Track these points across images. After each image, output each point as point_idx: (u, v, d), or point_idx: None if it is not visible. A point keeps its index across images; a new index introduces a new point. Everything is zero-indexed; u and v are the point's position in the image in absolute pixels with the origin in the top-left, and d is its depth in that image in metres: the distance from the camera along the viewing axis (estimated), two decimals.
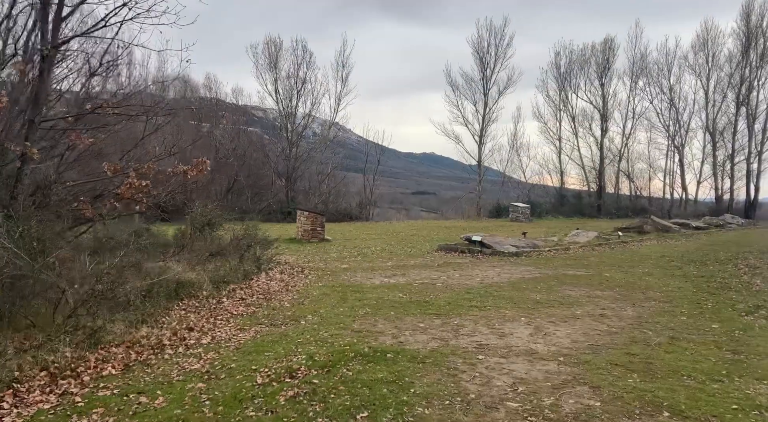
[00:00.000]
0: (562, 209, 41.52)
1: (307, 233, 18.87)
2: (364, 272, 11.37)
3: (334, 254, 15.08)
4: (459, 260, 14.09)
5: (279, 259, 13.02)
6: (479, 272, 11.81)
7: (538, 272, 11.93)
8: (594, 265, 13.26)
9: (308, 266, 12.15)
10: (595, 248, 17.37)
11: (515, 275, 11.41)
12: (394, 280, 10.32)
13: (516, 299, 8.47)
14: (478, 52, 43.04)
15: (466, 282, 10.19)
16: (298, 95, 37.37)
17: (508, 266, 13.02)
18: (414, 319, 6.89)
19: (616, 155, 44.24)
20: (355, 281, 10.10)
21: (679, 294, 9.15)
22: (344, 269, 11.84)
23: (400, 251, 16.04)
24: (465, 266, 12.74)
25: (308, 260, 13.67)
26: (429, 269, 12.05)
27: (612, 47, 42.38)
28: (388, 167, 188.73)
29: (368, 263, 13.24)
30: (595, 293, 9.17)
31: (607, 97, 43.03)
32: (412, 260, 13.87)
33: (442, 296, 8.55)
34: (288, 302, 7.84)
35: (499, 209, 40.90)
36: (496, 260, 14.12)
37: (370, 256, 14.75)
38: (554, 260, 14.31)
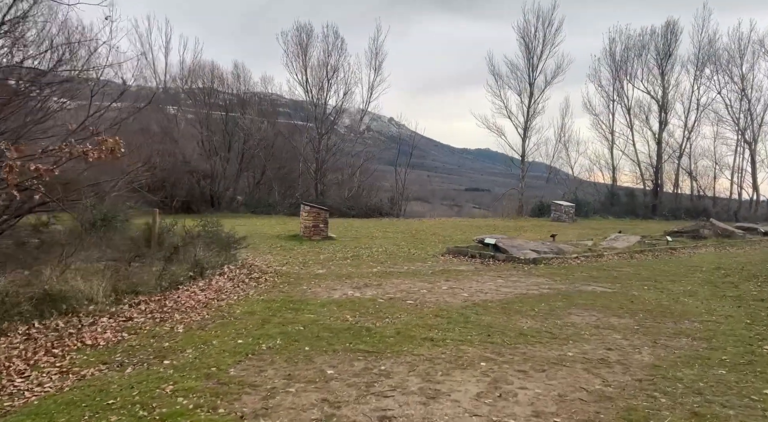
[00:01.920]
0: (613, 208, 38.08)
1: (309, 230, 17.24)
2: (334, 281, 9.55)
3: (324, 256, 13.33)
4: (462, 267, 12.02)
5: (250, 261, 11.43)
6: (476, 283, 9.73)
7: (549, 286, 9.72)
8: (624, 278, 10.87)
9: (276, 271, 10.45)
10: (635, 256, 14.78)
11: (518, 289, 9.27)
12: (359, 293, 8.45)
13: (496, 328, 6.42)
14: (524, 38, 40.13)
15: (447, 299, 8.18)
16: (329, 84, 35.89)
17: (516, 276, 10.85)
18: (328, 359, 5.01)
19: (676, 150, 40.26)
20: (310, 293, 8.30)
21: (725, 327, 6.80)
22: (315, 276, 10.06)
23: (402, 254, 14.11)
24: (464, 275, 10.68)
25: (286, 262, 11.99)
26: (415, 279, 10.08)
27: (675, 31, 38.42)
28: (442, 164, 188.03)
29: (352, 268, 11.41)
30: (609, 322, 6.96)
31: (668, 86, 39.11)
32: (406, 266, 11.92)
33: (398, 321, 6.61)
34: (188, 324, 6.12)
35: (541, 208, 37.96)
36: (506, 268, 11.95)
37: (361, 259, 12.90)
38: (577, 270, 11.98)
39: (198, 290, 7.70)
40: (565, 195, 39.75)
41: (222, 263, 9.65)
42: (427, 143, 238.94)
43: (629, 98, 40.27)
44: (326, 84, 35.80)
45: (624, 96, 40.39)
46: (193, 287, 7.87)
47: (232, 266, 9.99)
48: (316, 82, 35.55)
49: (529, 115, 40.89)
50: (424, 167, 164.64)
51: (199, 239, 9.78)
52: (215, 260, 9.52)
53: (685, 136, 39.86)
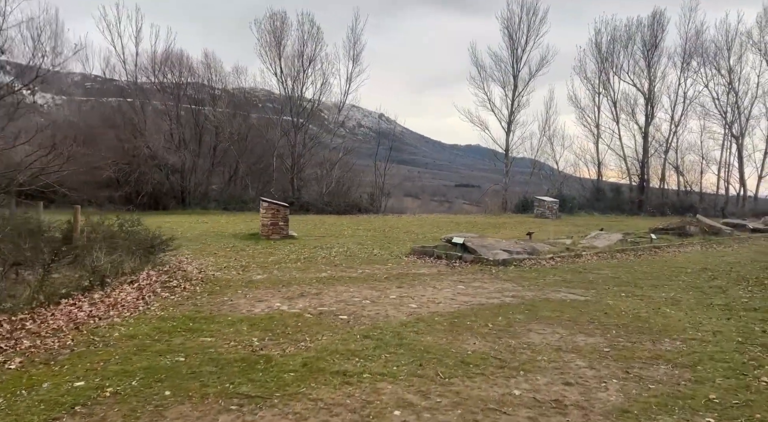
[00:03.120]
0: (598, 204, 37.12)
1: (267, 228, 15.95)
2: (267, 290, 8.28)
3: (273, 258, 12.05)
4: (423, 270, 10.80)
5: (183, 265, 10.13)
6: (431, 291, 8.51)
7: (515, 293, 8.52)
8: (601, 283, 9.71)
9: (206, 277, 9.15)
10: (616, 256, 13.66)
11: (478, 298, 8.06)
12: (288, 305, 7.19)
13: (434, 353, 5.20)
14: (507, 29, 38.98)
15: (390, 312, 6.94)
16: (305, 75, 34.43)
17: (481, 281, 9.65)
18: (186, 411, 3.73)
19: (662, 144, 39.34)
20: (227, 307, 7.02)
21: (712, 348, 5.63)
22: (248, 284, 8.78)
23: (363, 255, 12.87)
24: (421, 281, 9.46)
25: (226, 265, 10.69)
26: (363, 286, 8.84)
27: (661, 22, 37.43)
28: (433, 160, 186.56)
29: (298, 272, 10.15)
30: (574, 342, 5.77)
31: (654, 79, 38.15)
32: (361, 269, 10.68)
33: (315, 345, 5.37)
34: (32, 356, 4.75)
35: (525, 204, 36.93)
36: (472, 271, 10.75)
37: (314, 262, 11.64)
38: (550, 273, 10.80)
39: (87, 306, 6.38)
40: (549, 191, 38.72)
41: (137, 269, 8.33)
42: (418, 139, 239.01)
43: (615, 91, 39.30)
44: (302, 75, 34.38)
45: (610, 89, 39.41)
46: (84, 300, 6.55)
47: (153, 272, 8.68)
48: (291, 72, 34.11)
49: (513, 108, 39.80)
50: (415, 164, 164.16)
51: (108, 240, 8.44)
52: (129, 265, 8.20)
53: (671, 130, 38.97)
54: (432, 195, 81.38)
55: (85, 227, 10.23)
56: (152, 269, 8.93)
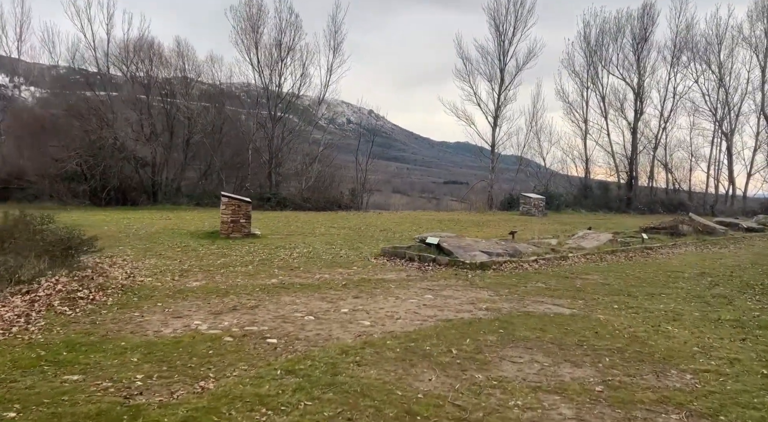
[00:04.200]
0: (586, 202, 36.13)
1: (227, 226, 14.56)
2: (195, 301, 6.95)
3: (223, 260, 10.70)
4: (390, 275, 9.51)
5: (108, 268, 8.76)
6: (392, 302, 7.23)
7: (489, 304, 7.26)
8: (590, 290, 8.49)
9: (129, 285, 7.78)
10: (606, 258, 12.49)
11: (445, 311, 6.79)
12: (209, 324, 5.86)
13: (371, 397, 3.91)
14: (494, 20, 37.76)
15: (336, 332, 5.65)
16: (283, 65, 32.95)
17: (453, 288, 8.39)
18: None
19: (651, 140, 38.49)
20: (132, 326, 5.68)
21: (733, 384, 4.42)
22: (177, 293, 7.44)
23: (327, 257, 11.56)
24: (383, 289, 8.17)
25: (162, 269, 9.32)
26: (314, 295, 7.53)
27: (651, 15, 36.50)
28: (422, 156, 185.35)
29: (244, 278, 8.82)
30: (558, 376, 4.52)
31: (644, 73, 37.25)
32: (319, 275, 9.37)
33: (218, 385, 4.06)
34: None
35: (511, 201, 35.84)
36: (445, 276, 9.49)
37: (268, 265, 10.31)
38: (533, 278, 9.57)
39: None
40: (536, 188, 37.69)
41: (40, 275, 6.93)
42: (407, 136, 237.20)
43: (604, 86, 38.35)
44: (280, 65, 32.88)
45: (598, 83, 38.44)
46: None
47: (64, 279, 7.29)
48: (268, 62, 32.60)
49: (499, 102, 38.65)
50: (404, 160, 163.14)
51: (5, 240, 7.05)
52: (30, 271, 6.81)
53: (660, 126, 38.14)
54: (420, 192, 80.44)
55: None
56: (67, 274, 7.54)
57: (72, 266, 7.98)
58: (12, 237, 7.10)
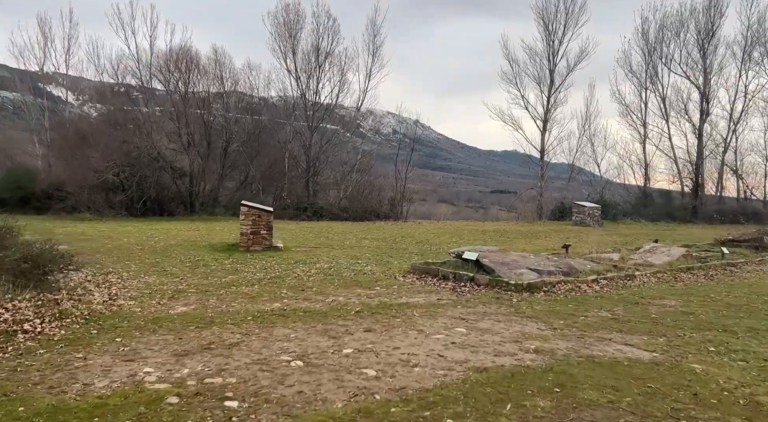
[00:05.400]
0: (645, 211, 33.19)
1: (247, 238, 13.35)
2: (168, 335, 5.61)
3: (231, 278, 9.42)
4: (416, 298, 7.92)
5: (98, 288, 7.59)
6: (412, 338, 5.65)
7: (539, 344, 5.55)
8: (670, 324, 6.63)
9: (101, 310, 6.55)
10: (681, 277, 10.44)
11: (480, 354, 5.16)
12: (161, 372, 4.47)
13: None
14: (543, 19, 35.69)
15: (326, 388, 4.15)
16: (321, 71, 32.02)
17: (493, 318, 6.72)
18: None
19: (719, 144, 35.17)
20: (54, 379, 4.34)
21: None
22: (153, 322, 6.13)
23: (349, 274, 10.09)
24: (404, 318, 6.60)
25: (158, 288, 8.10)
26: (316, 327, 6.05)
27: (719, 7, 33.37)
28: (469, 165, 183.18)
29: (244, 302, 7.46)
30: None
31: (710, 71, 34.08)
32: (333, 296, 7.89)
33: None
34: None
35: (562, 210, 33.47)
36: (485, 300, 7.81)
37: (279, 284, 8.93)
38: (593, 304, 7.75)
39: None
40: (590, 196, 35.08)
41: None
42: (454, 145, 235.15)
43: (664, 86, 35.43)
44: (318, 71, 31.98)
45: (658, 83, 35.56)
46: None
47: (23, 304, 6.12)
48: (305, 68, 31.75)
49: (548, 105, 36.43)
50: (450, 169, 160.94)
51: None
52: None
53: (730, 128, 34.79)
54: (467, 201, 78.54)
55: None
56: (30, 298, 6.38)
57: (44, 287, 6.84)
58: None
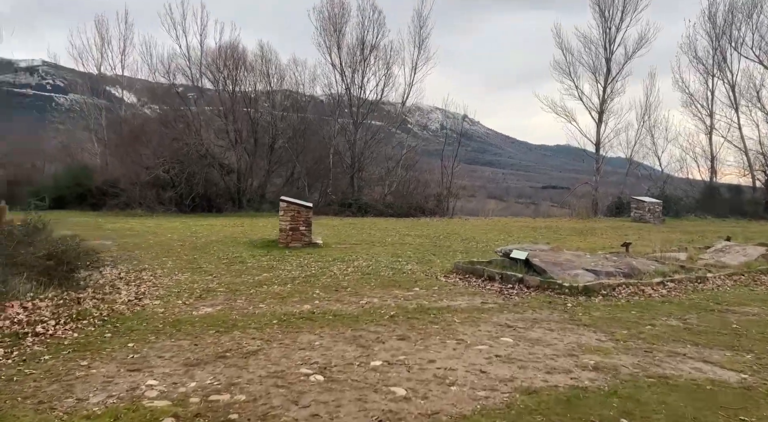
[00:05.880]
0: (712, 206, 30.92)
1: (286, 234, 13.01)
2: (184, 340, 5.20)
3: (264, 276, 9.03)
4: (458, 301, 7.24)
5: (128, 287, 7.34)
6: (450, 349, 5.00)
7: (600, 359, 4.77)
8: (755, 335, 5.67)
9: (125, 310, 6.24)
10: (761, 280, 9.25)
11: (529, 370, 4.45)
12: (164, 387, 4.01)
13: None
14: (599, 5, 33.89)
15: (345, 411, 3.57)
16: (366, 64, 31.56)
17: (544, 325, 5.96)
18: None
19: None
20: (39, 398, 3.96)
21: None
22: (173, 325, 5.76)
23: (387, 273, 9.51)
24: (443, 324, 5.94)
25: (188, 287, 7.80)
26: (345, 333, 5.49)
27: None
28: (519, 160, 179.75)
29: (271, 303, 7.01)
30: None
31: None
32: (368, 298, 7.32)
33: None
34: None
35: (619, 206, 31.72)
36: (535, 305, 7.04)
37: (313, 284, 8.45)
38: (661, 312, 6.83)
39: None
40: (649, 190, 33.05)
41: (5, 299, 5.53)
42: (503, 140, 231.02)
43: (734, 72, 32.86)
44: (363, 65, 31.52)
45: (727, 70, 33.03)
46: None
47: (43, 303, 5.87)
48: (350, 63, 31.37)
49: (605, 96, 34.63)
50: (499, 165, 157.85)
51: None
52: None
53: None
54: (517, 197, 76.68)
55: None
56: (53, 296, 6.14)
57: (68, 286, 6.61)
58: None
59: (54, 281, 6.39)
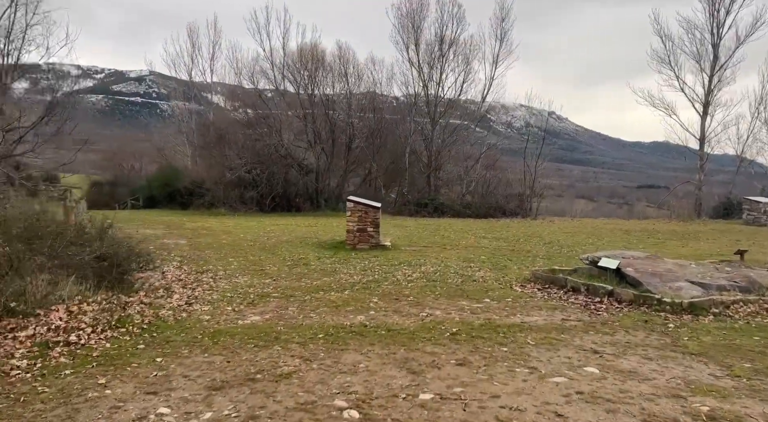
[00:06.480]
0: None
1: (353, 235, 12.52)
2: (219, 355, 4.72)
3: (323, 281, 8.53)
4: (533, 317, 6.27)
5: (185, 290, 7.12)
6: (520, 382, 4.12)
7: (716, 403, 3.68)
8: None
9: (162, 316, 5.92)
10: None
11: (621, 414, 3.48)
12: (175, 418, 3.49)
13: None
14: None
15: None
16: (445, 60, 30.59)
17: (639, 351, 4.90)
18: None
19: None
20: (70, 411, 3.57)
21: None
22: (212, 336, 5.33)
23: (455, 280, 8.66)
24: (513, 347, 5.05)
25: (243, 291, 7.44)
26: (397, 353, 4.76)
27: None
28: (611, 158, 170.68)
29: (323, 313, 6.44)
30: None
31: None
32: (430, 309, 6.55)
33: None
34: None
35: (728, 207, 28.47)
36: (627, 324, 5.92)
37: (372, 290, 7.81)
38: None
39: None
40: (765, 190, 29.37)
41: (50, 302, 5.36)
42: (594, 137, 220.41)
43: None
44: (442, 61, 30.58)
45: None
46: None
47: (89, 307, 5.67)
48: (428, 59, 30.55)
49: (711, 86, 31.19)
50: (589, 163, 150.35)
51: None
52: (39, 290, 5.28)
53: None
54: (609, 197, 72.55)
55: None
56: (101, 300, 5.95)
57: (121, 288, 6.43)
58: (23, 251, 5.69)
59: (104, 283, 6.21)
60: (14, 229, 6.43)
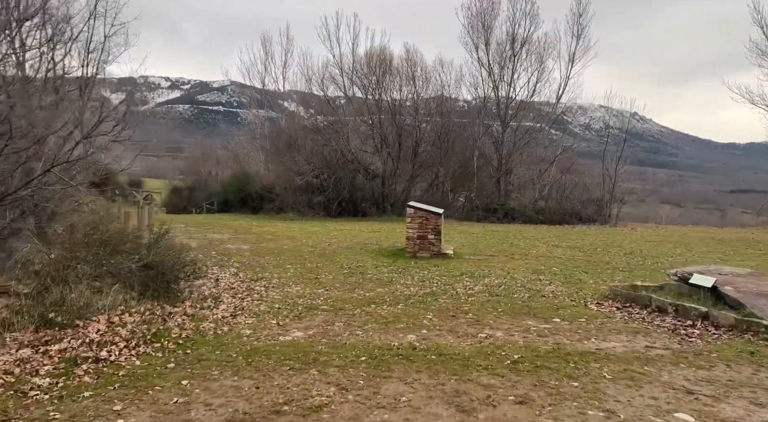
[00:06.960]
0: None
1: (413, 242, 11.95)
2: (254, 376, 4.33)
3: (378, 292, 8.02)
4: (611, 343, 5.42)
5: (233, 301, 6.90)
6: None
7: None
8: None
9: (203, 330, 5.62)
10: None
11: None
12: None
13: None
14: None
15: None
16: (517, 60, 29.38)
17: (744, 393, 3.99)
18: None
19: None
20: None
21: None
22: (242, 359, 4.95)
23: (522, 295, 7.88)
24: (586, 382, 4.29)
25: (292, 301, 7.09)
26: (449, 383, 4.15)
27: None
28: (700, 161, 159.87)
29: (370, 331, 5.92)
30: None
31: None
32: (490, 329, 5.86)
33: None
34: None
35: None
36: (727, 356, 4.96)
37: (428, 305, 7.21)
38: None
39: None
40: None
41: (91, 313, 5.22)
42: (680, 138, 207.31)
43: None
44: (513, 61, 29.40)
45: None
46: None
47: (130, 318, 5.51)
48: (499, 59, 29.47)
49: None
50: (675, 166, 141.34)
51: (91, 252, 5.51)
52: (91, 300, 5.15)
53: None
54: (697, 203, 67.52)
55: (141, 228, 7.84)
56: (148, 309, 5.79)
57: (168, 298, 6.26)
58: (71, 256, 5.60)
59: (149, 292, 6.05)
60: (78, 235, 6.46)
